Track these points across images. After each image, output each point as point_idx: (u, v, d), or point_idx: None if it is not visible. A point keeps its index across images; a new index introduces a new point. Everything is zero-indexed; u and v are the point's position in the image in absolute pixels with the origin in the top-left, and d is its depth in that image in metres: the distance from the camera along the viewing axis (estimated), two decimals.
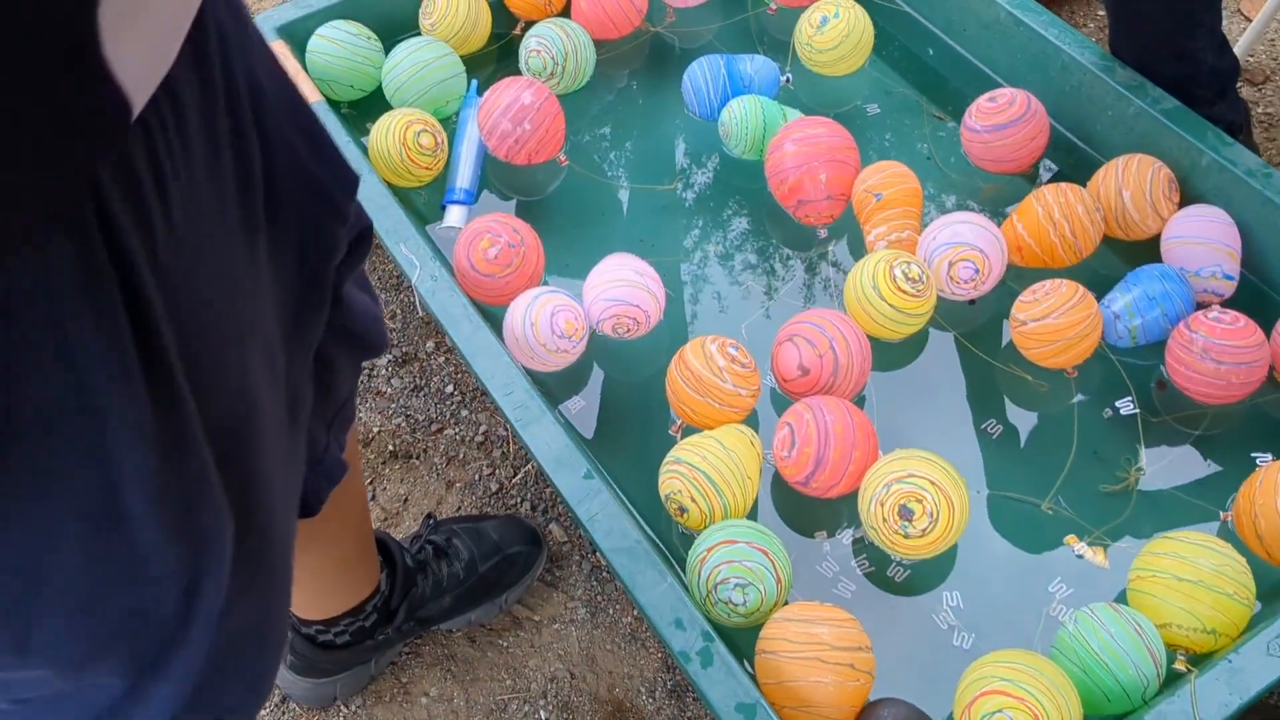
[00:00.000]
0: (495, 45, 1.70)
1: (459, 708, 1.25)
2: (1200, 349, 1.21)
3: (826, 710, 1.01)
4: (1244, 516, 1.13)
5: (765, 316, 1.41)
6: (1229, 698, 0.97)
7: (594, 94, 1.65)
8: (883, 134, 1.59)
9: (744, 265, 1.47)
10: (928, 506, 1.09)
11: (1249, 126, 1.51)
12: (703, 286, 1.45)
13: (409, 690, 1.27)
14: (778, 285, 1.45)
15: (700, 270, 1.47)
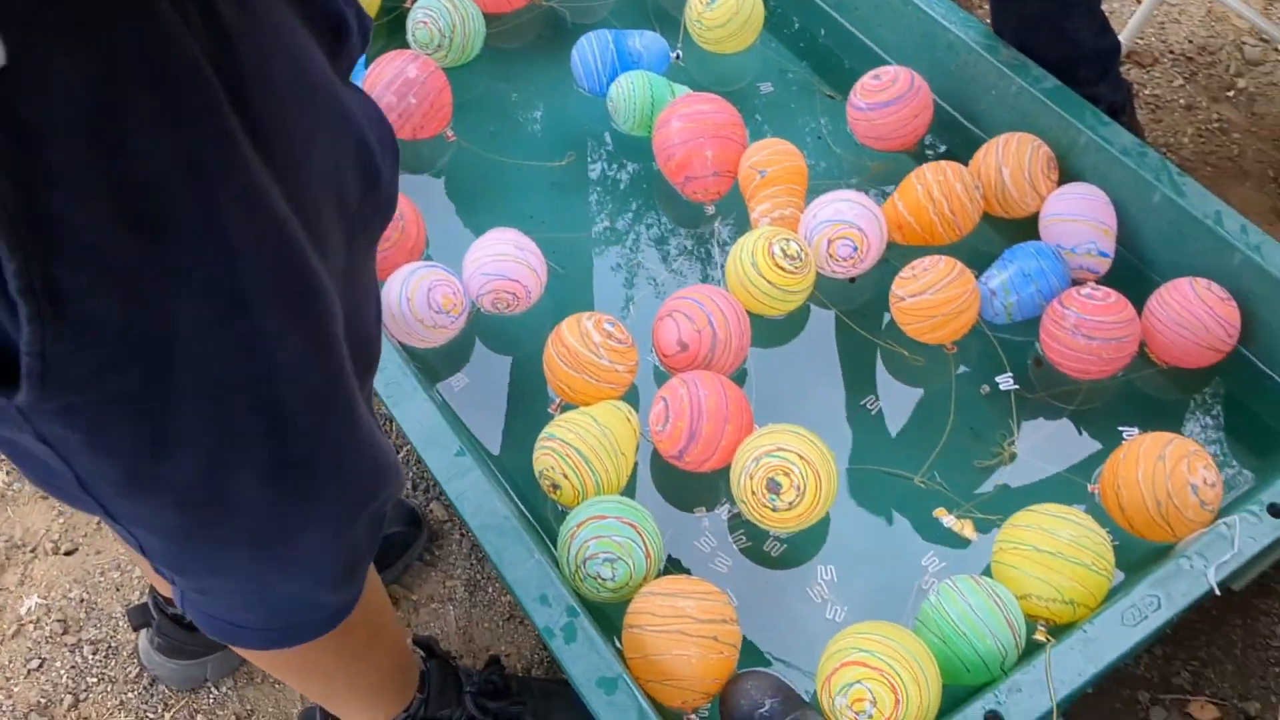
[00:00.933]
0: (385, 19, 1.67)
1: None
2: (1072, 325, 1.22)
3: (691, 683, 1.01)
4: (1109, 489, 1.14)
5: (653, 293, 1.40)
6: (1084, 666, 0.98)
7: (483, 68, 1.63)
8: (775, 112, 1.59)
9: (632, 241, 1.46)
10: (795, 480, 1.09)
11: (1132, 107, 1.53)
12: (590, 263, 1.44)
13: None
14: (665, 262, 1.44)
15: (588, 246, 1.46)
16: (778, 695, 1.01)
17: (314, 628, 0.78)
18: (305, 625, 0.77)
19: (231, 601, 0.73)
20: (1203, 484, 1.08)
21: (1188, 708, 1.19)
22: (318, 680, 0.92)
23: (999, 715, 0.95)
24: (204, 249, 0.48)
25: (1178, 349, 1.24)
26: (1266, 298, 1.24)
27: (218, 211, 0.48)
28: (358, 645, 0.87)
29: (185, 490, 0.58)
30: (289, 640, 0.78)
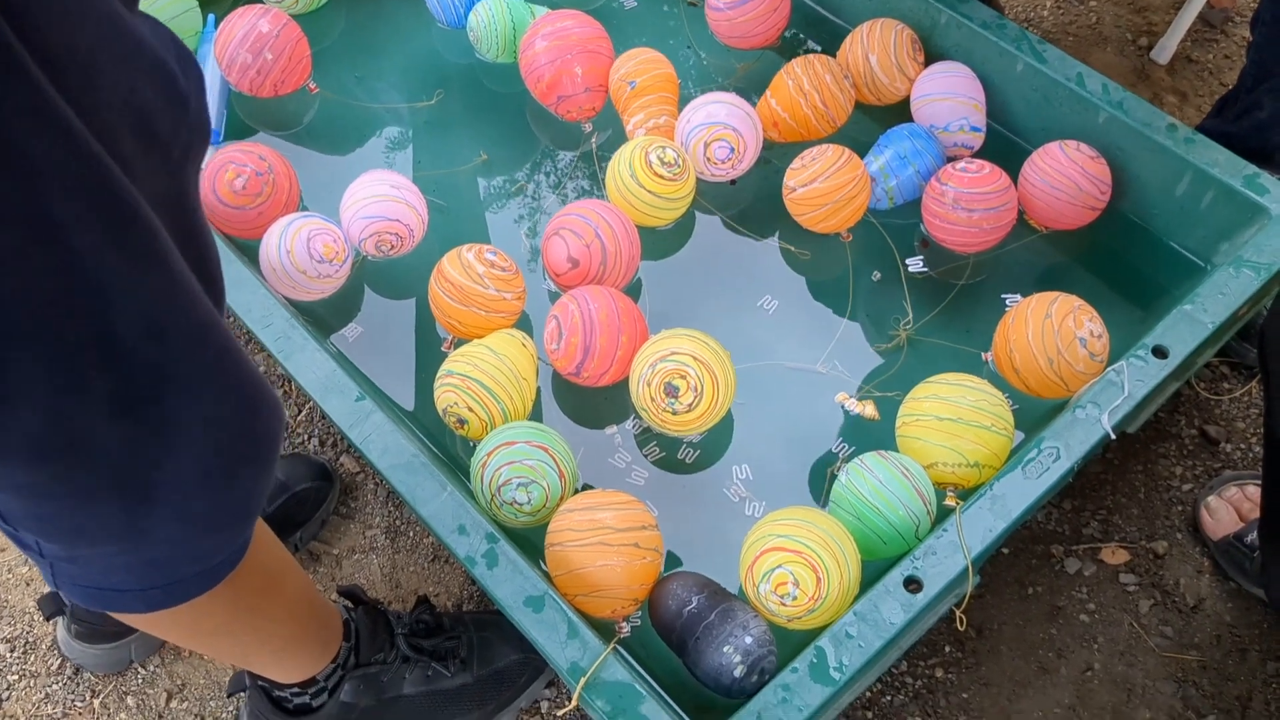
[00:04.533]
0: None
1: None
2: (952, 200, 1.24)
3: (618, 591, 1.02)
4: (1001, 354, 1.17)
5: (542, 218, 1.39)
6: (993, 523, 1.01)
7: (336, 14, 1.59)
8: (640, 26, 1.57)
9: (513, 169, 1.44)
10: (691, 381, 1.10)
11: None
12: (474, 196, 1.42)
13: None
14: (549, 185, 1.42)
15: (470, 180, 1.43)
16: (703, 591, 1.02)
17: (199, 582, 0.74)
18: (189, 580, 0.73)
19: (106, 564, 0.69)
20: (1090, 336, 1.11)
21: (1099, 555, 1.24)
22: (223, 640, 0.88)
23: (917, 580, 0.97)
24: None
25: (1055, 211, 1.27)
26: (1133, 152, 1.27)
27: (3, 124, 0.45)
28: (253, 599, 0.83)
29: (32, 442, 0.56)
30: (174, 598, 0.73)
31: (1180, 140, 1.23)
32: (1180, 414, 1.33)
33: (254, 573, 0.79)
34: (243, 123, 1.48)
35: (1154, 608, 1.20)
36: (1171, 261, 1.29)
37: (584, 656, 0.95)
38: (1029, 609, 1.21)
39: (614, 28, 1.49)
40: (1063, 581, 1.22)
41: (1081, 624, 1.20)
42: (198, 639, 0.90)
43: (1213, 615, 1.20)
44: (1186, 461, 1.29)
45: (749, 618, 0.99)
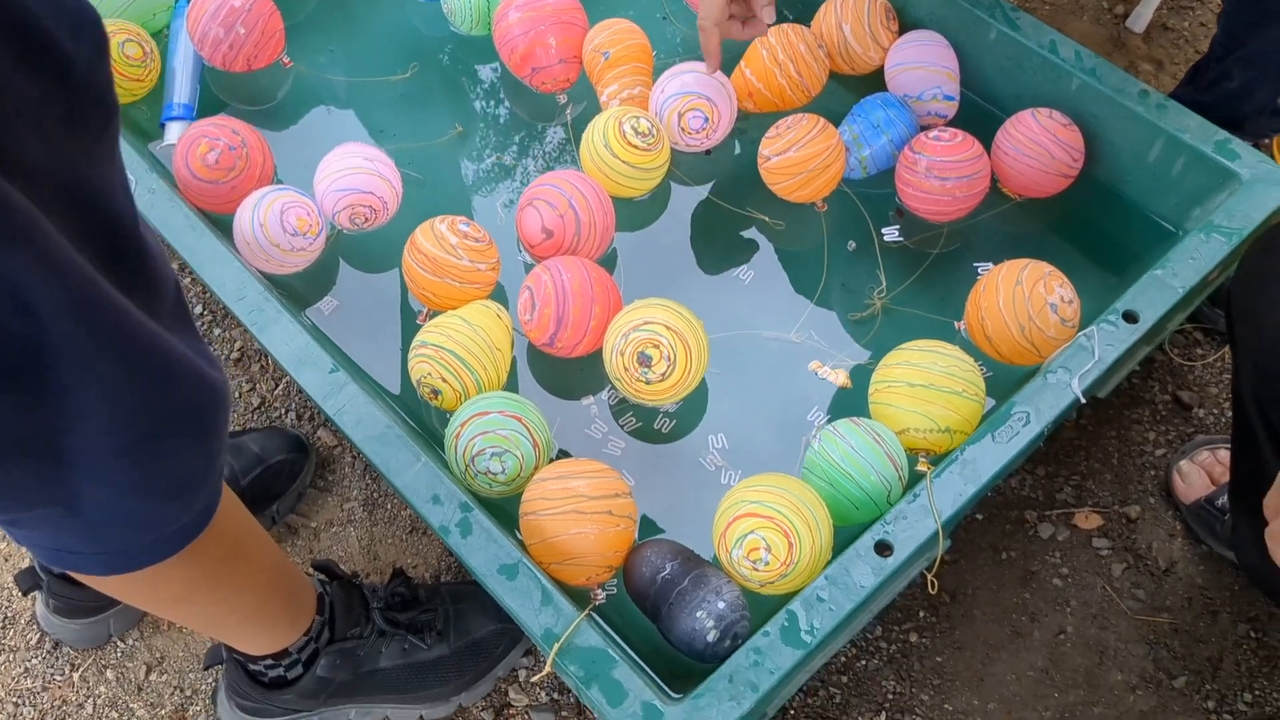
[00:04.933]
0: None
1: None
2: (924, 169, 1.24)
3: (592, 559, 1.02)
4: (973, 322, 1.17)
5: (517, 190, 1.39)
6: (963, 487, 1.01)
7: None
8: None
9: (489, 142, 1.44)
10: (664, 351, 1.10)
11: None
12: (450, 168, 1.42)
13: None
14: (525, 157, 1.42)
15: (445, 153, 1.43)
16: (677, 558, 1.02)
17: (153, 550, 0.74)
18: (143, 547, 0.73)
19: (54, 527, 0.69)
20: (1061, 302, 1.11)
21: (1073, 520, 1.25)
22: (186, 607, 0.89)
23: (887, 544, 0.98)
24: None
25: (1028, 179, 1.27)
26: (1106, 119, 1.27)
27: None
28: (215, 567, 0.83)
29: None
30: (129, 563, 0.74)
31: (1152, 106, 1.24)
32: (1154, 380, 1.33)
33: (216, 542, 0.79)
34: (216, 98, 1.47)
35: (1126, 571, 1.21)
36: (1144, 227, 1.30)
37: (558, 623, 0.96)
38: (1003, 574, 1.22)
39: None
40: (1036, 547, 1.23)
41: (1054, 588, 1.21)
42: (159, 605, 0.91)
43: (1184, 578, 1.21)
44: (1160, 427, 1.30)
45: (722, 583, 1.00)
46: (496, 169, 1.42)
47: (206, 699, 1.18)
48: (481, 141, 1.44)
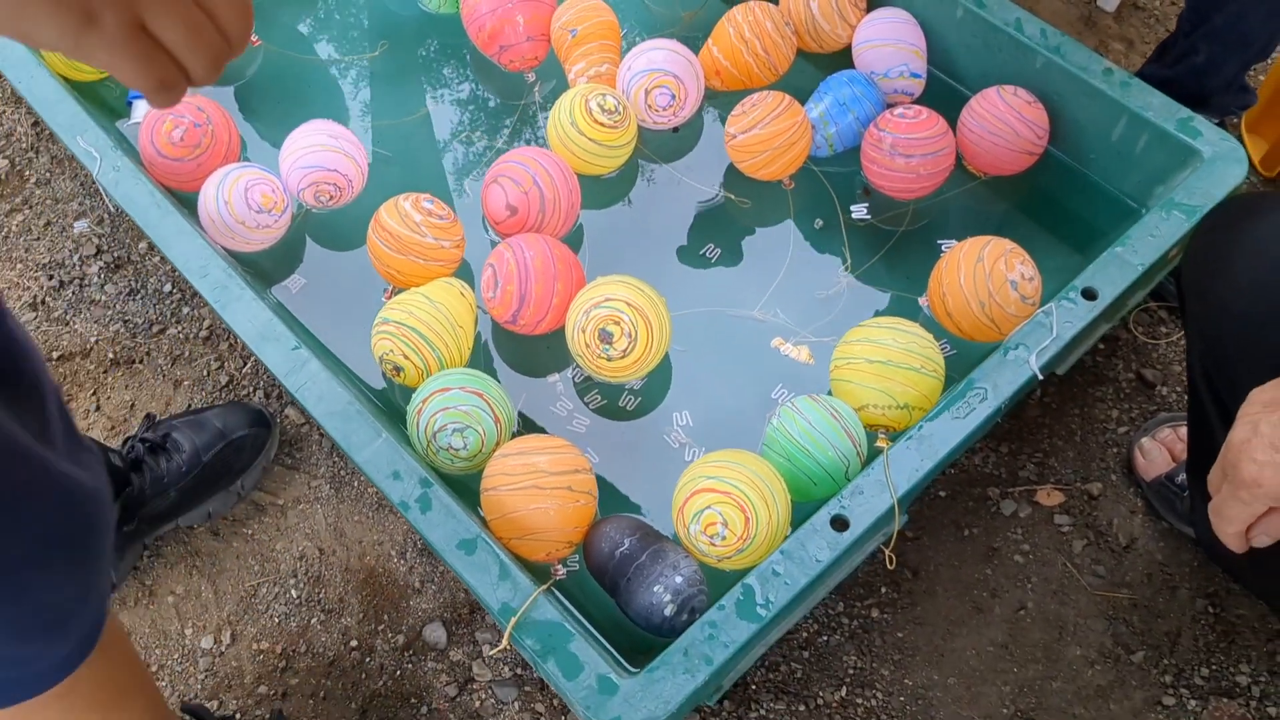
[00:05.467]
0: None
1: (208, 601, 1.23)
2: (889, 146, 1.24)
3: (552, 534, 1.03)
4: (936, 299, 1.18)
5: (485, 168, 1.39)
6: (920, 463, 1.02)
7: None
8: None
9: (457, 121, 1.44)
10: (625, 327, 1.10)
11: None
12: (418, 146, 1.42)
13: (154, 592, 1.23)
14: (493, 135, 1.42)
15: (413, 130, 1.43)
16: (635, 533, 1.03)
17: (14, 688, 0.68)
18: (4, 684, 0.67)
19: None
20: (1021, 279, 1.12)
21: (1035, 497, 1.25)
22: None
23: (843, 518, 0.99)
24: None
25: (992, 157, 1.27)
26: (1071, 96, 1.27)
27: None
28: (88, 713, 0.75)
29: None
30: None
31: (1116, 84, 1.24)
32: (1118, 358, 1.34)
33: (96, 685, 0.73)
34: None
35: (1087, 548, 1.22)
36: (1108, 205, 1.30)
37: (515, 597, 0.96)
38: (965, 550, 1.22)
39: None
40: (998, 523, 1.24)
41: (1016, 564, 1.21)
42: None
43: (1144, 554, 1.22)
44: (1123, 405, 1.31)
45: (679, 558, 1.00)
46: (465, 147, 1.41)
47: (172, 672, 1.18)
48: (450, 120, 1.44)
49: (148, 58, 0.45)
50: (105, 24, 0.43)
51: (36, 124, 1.59)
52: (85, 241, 1.47)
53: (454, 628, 1.20)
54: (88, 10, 0.43)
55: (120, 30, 0.44)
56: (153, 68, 0.45)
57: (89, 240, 1.47)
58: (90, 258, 1.46)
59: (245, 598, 1.22)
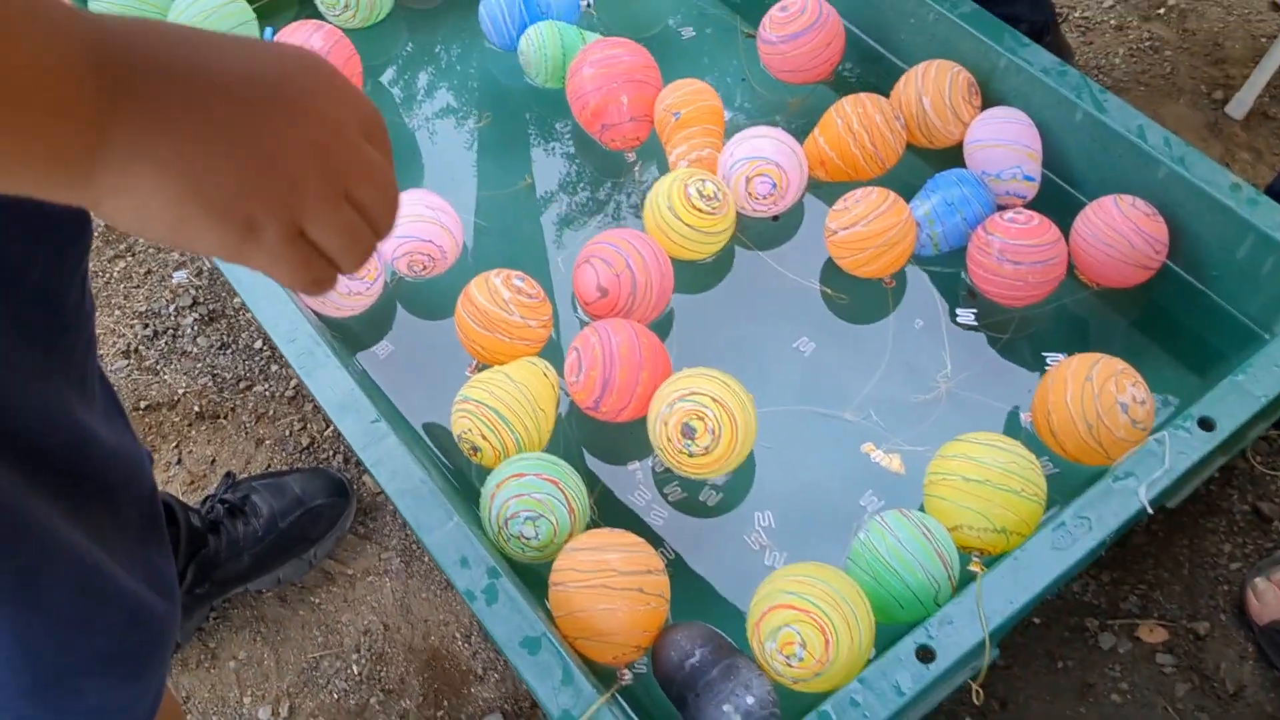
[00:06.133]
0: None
1: (269, 669, 1.21)
2: (997, 251, 1.20)
3: (620, 638, 0.99)
4: (1040, 416, 1.12)
5: (578, 246, 1.37)
6: (1015, 594, 0.96)
7: (392, 27, 1.59)
8: (696, 56, 1.55)
9: (555, 195, 1.42)
10: (709, 424, 1.06)
11: (1056, 28, 1.50)
12: (513, 219, 1.41)
13: (216, 655, 1.22)
14: (589, 213, 1.41)
15: (510, 203, 1.42)
16: (708, 644, 0.98)
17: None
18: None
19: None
20: (1132, 402, 1.06)
21: (1136, 632, 1.18)
22: None
23: (930, 649, 0.93)
24: None
25: (1106, 269, 1.21)
26: (1193, 210, 1.21)
27: None
28: None
29: None
30: None
31: (1244, 201, 1.18)
32: (1232, 488, 1.26)
33: None
34: None
35: (1191, 692, 1.14)
36: (1229, 327, 1.23)
37: (576, 705, 0.92)
38: (1058, 684, 1.15)
39: (668, 56, 1.47)
40: (1096, 657, 1.16)
41: (1113, 704, 1.14)
42: None
43: (1253, 704, 1.13)
44: (1236, 539, 1.23)
45: (752, 676, 0.95)
46: (561, 222, 1.40)
47: None
48: (548, 194, 1.43)
49: (306, 263, 0.46)
50: (266, 236, 0.43)
51: None
52: (183, 292, 1.49)
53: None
54: (250, 223, 0.43)
55: (280, 241, 0.44)
56: (310, 271, 0.46)
57: (186, 291, 1.49)
58: (186, 309, 1.48)
59: (307, 669, 1.20)
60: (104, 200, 0.40)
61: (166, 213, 0.41)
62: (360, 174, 0.46)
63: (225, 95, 0.41)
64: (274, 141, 0.43)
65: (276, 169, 0.43)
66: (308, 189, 0.44)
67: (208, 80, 0.41)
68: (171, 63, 0.41)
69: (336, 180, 0.45)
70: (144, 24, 0.41)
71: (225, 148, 0.41)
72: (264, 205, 0.43)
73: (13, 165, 0.37)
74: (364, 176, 0.46)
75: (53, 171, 0.38)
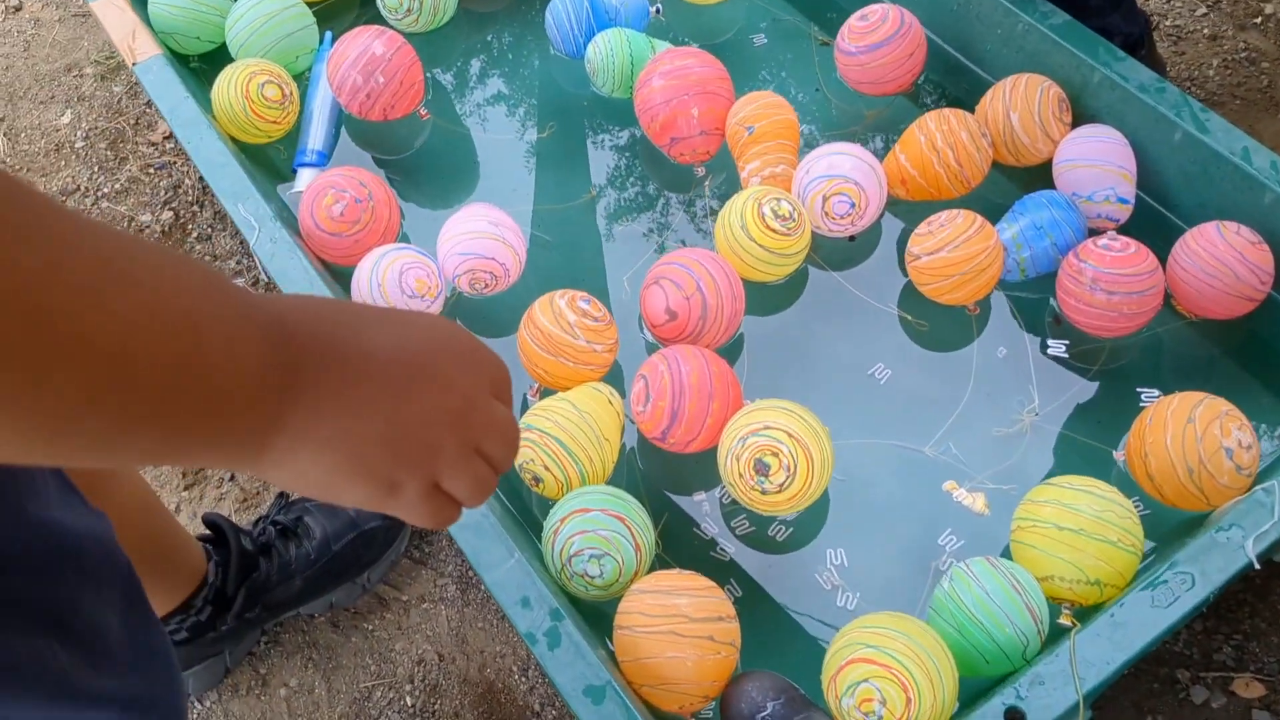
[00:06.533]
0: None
1: (320, 698, 1.17)
2: (1090, 280, 1.13)
3: (687, 687, 0.94)
4: (1135, 456, 1.05)
5: (644, 264, 1.32)
6: (1112, 654, 0.90)
7: (456, 32, 1.55)
8: (768, 65, 1.49)
9: (619, 211, 1.38)
10: (784, 460, 1.01)
11: (1151, 40, 1.42)
12: (577, 236, 1.36)
13: (267, 682, 1.18)
14: (657, 230, 1.35)
15: (574, 218, 1.37)
16: (780, 697, 0.93)
17: None
18: None
19: None
20: (1238, 447, 0.99)
21: (1231, 685, 1.11)
22: None
23: (1020, 712, 0.87)
24: None
25: (1206, 299, 1.14)
26: None
27: None
28: None
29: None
30: None
31: None
32: None
33: None
34: (352, 144, 1.45)
35: None
36: None
37: None
38: None
39: (739, 64, 1.42)
40: (1187, 712, 1.09)
41: None
42: None
43: None
44: None
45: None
46: (627, 239, 1.35)
47: None
48: (613, 208, 1.38)
49: (440, 510, 0.51)
50: (406, 492, 0.49)
51: (204, 179, 1.59)
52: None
53: None
54: (393, 485, 0.48)
55: (419, 496, 0.49)
56: (441, 516, 0.52)
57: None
58: None
59: (359, 700, 1.16)
60: (263, 471, 0.45)
61: (321, 479, 0.46)
62: (488, 431, 0.51)
63: (381, 378, 0.46)
64: (419, 415, 0.48)
65: (419, 439, 0.48)
66: (444, 452, 0.49)
67: (364, 364, 0.46)
68: (333, 346, 0.45)
69: (469, 440, 0.50)
70: (303, 303, 0.46)
71: (378, 426, 0.46)
72: (407, 470, 0.48)
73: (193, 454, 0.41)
74: (492, 432, 0.51)
75: (227, 457, 0.43)
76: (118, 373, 0.36)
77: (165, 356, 0.37)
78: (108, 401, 0.36)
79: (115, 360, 0.35)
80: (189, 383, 0.38)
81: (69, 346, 0.34)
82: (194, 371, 0.38)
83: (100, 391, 0.35)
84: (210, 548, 1.10)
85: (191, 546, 1.07)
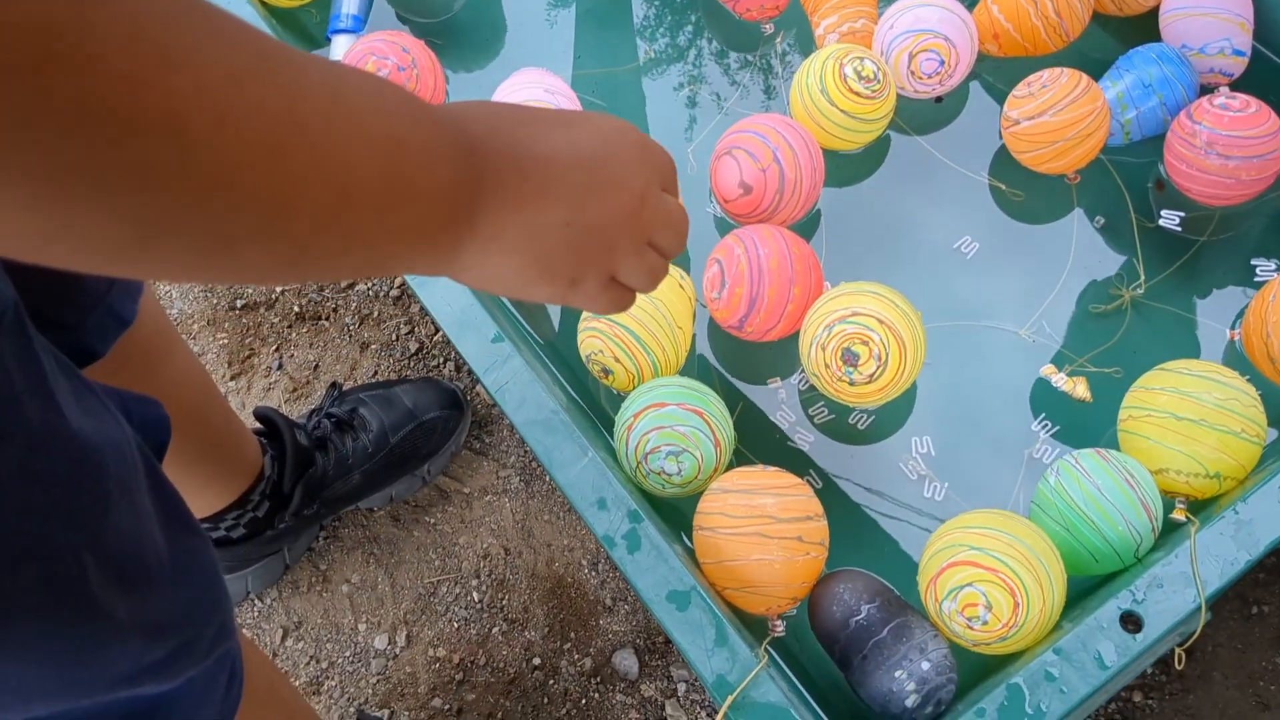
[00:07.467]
0: None
1: (384, 594, 1.14)
2: (1204, 142, 1.03)
3: (775, 589, 0.88)
4: (1254, 336, 0.97)
5: (709, 133, 1.23)
6: (1235, 554, 0.83)
7: None
8: None
9: (682, 74, 1.27)
10: (874, 349, 0.94)
11: None
12: (637, 101, 1.26)
13: (328, 578, 1.15)
14: (720, 94, 1.25)
15: (632, 82, 1.27)
16: (875, 600, 0.88)
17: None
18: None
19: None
20: None
21: None
22: None
23: (1137, 617, 0.81)
24: None
25: None
26: None
27: None
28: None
29: None
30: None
31: None
32: None
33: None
34: (385, 10, 1.34)
35: None
36: None
37: (733, 669, 0.82)
38: (1252, 632, 1.03)
39: None
40: None
41: None
42: None
43: None
44: None
45: (928, 638, 0.85)
46: (688, 105, 1.25)
47: (343, 671, 1.10)
48: (671, 72, 1.28)
49: (616, 300, 0.56)
50: (587, 284, 0.53)
51: None
52: None
53: (647, 657, 1.08)
54: (575, 280, 0.52)
55: (598, 288, 0.54)
56: (617, 305, 0.56)
57: None
58: None
59: (424, 595, 1.13)
60: (456, 274, 0.48)
61: (510, 280, 0.50)
62: (659, 223, 0.54)
63: (560, 183, 0.49)
64: (596, 215, 0.51)
65: (598, 238, 0.51)
66: (620, 247, 0.53)
67: (545, 170, 0.48)
68: (515, 153, 0.47)
69: (643, 235, 0.54)
70: (483, 112, 0.47)
71: (560, 230, 0.49)
72: (587, 267, 0.52)
73: (398, 265, 0.44)
74: (662, 224, 0.55)
75: (427, 263, 0.45)
76: (342, 198, 0.37)
77: (379, 179, 0.38)
78: (334, 228, 0.37)
79: (341, 187, 0.37)
80: (397, 202, 0.40)
81: (307, 176, 0.35)
82: (401, 190, 0.40)
83: (328, 218, 0.37)
84: (265, 441, 1.05)
85: (248, 437, 1.02)
